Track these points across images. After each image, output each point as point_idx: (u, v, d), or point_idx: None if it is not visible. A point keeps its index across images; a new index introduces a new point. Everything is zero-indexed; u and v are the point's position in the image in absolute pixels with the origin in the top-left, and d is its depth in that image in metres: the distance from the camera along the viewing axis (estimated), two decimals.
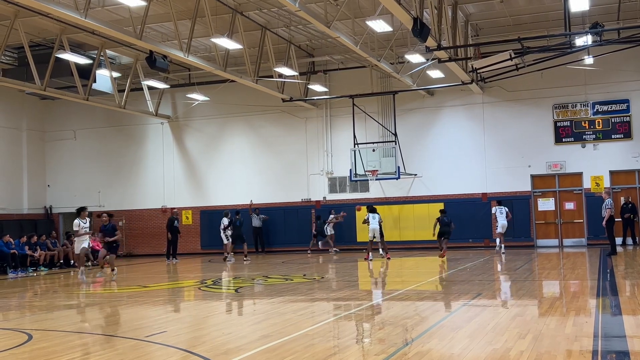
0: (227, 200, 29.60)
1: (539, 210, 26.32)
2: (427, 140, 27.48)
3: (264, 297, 13.50)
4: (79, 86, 24.61)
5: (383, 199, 27.91)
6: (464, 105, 27.13)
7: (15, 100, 30.33)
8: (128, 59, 27.43)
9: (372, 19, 19.06)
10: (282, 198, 28.82)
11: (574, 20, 21.50)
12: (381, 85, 27.65)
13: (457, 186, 26.64)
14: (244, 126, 29.84)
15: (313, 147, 28.91)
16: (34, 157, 31.60)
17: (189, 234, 30.13)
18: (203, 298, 14.04)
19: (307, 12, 17.83)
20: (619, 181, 25.56)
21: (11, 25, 20.83)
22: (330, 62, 27.85)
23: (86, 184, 31.63)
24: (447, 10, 20.27)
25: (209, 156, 30.32)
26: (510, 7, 22.92)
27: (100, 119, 31.26)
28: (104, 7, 20.85)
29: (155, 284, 17.03)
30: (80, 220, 18.92)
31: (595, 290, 12.32)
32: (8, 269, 21.88)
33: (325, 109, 28.80)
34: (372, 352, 7.55)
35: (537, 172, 26.27)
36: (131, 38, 19.10)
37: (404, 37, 24.03)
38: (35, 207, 31.45)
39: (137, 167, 31.18)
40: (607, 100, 25.42)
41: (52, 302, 13.91)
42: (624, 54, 22.64)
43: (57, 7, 16.57)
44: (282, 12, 22.22)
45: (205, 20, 20.82)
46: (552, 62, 21.75)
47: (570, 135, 25.82)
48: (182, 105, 30.40)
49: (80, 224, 18.87)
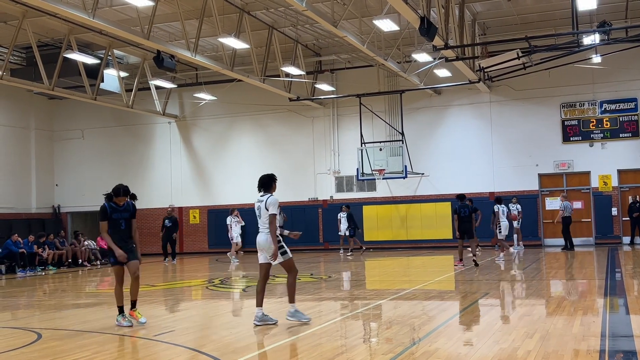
0: (235, 199, 29.63)
1: (547, 210, 26.26)
2: (434, 139, 27.45)
3: (271, 297, 13.52)
4: (86, 86, 24.70)
5: (390, 198, 27.91)
6: (471, 104, 27.09)
7: (23, 100, 30.46)
8: (136, 58, 27.52)
9: (379, 18, 19.08)
10: (289, 197, 28.82)
11: (582, 19, 21.45)
12: (388, 84, 27.63)
13: (465, 185, 26.54)
14: (251, 125, 29.88)
15: (320, 146, 28.92)
16: (42, 157, 31.73)
17: (196, 233, 30.21)
18: (211, 297, 14.09)
19: (314, 11, 17.85)
20: (627, 180, 25.48)
21: (19, 25, 20.93)
22: (337, 61, 27.87)
23: (94, 183, 31.64)
24: (454, 9, 20.24)
25: (216, 155, 30.38)
26: (517, 6, 22.87)
27: (108, 118, 31.36)
28: (112, 7, 20.92)
29: (162, 283, 17.09)
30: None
31: (603, 290, 12.29)
32: (17, 268, 22.00)
33: (332, 108, 28.82)
34: (379, 352, 7.56)
35: (545, 171, 26.22)
36: (139, 38, 19.17)
37: (411, 36, 24.02)
38: (44, 207, 31.59)
39: (144, 167, 31.26)
40: (615, 99, 25.34)
41: (61, 301, 13.98)
42: (632, 52, 22.57)
43: (65, 8, 16.65)
44: (289, 11, 22.24)
45: (212, 19, 20.86)
46: (560, 61, 21.72)
47: (578, 134, 25.75)
48: (189, 105, 30.47)
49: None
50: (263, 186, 9.35)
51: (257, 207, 9.25)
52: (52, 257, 23.77)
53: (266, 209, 9.11)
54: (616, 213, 25.33)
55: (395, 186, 27.63)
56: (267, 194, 9.29)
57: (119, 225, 9.63)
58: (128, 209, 9.75)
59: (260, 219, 9.21)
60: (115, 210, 9.66)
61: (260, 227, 9.23)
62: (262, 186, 9.36)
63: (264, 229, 9.13)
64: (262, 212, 9.15)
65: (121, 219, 9.65)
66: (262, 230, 9.17)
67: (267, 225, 9.10)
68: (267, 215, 9.10)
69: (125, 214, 9.70)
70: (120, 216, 9.65)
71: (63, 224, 31.57)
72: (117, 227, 9.63)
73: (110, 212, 9.63)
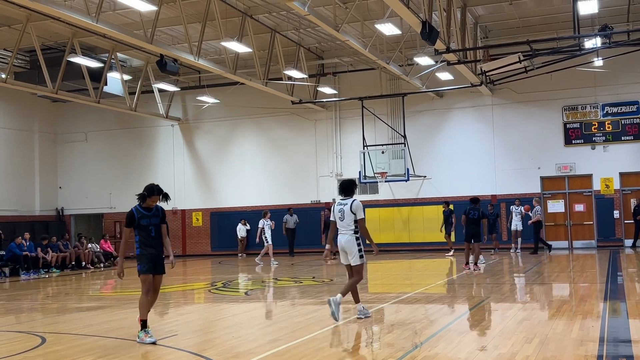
0: (238, 202, 29.79)
1: (549, 212, 26.31)
2: (437, 142, 27.52)
3: (272, 300, 13.60)
4: (90, 89, 24.80)
5: (392, 201, 27.97)
6: (473, 107, 27.15)
7: (27, 103, 30.59)
8: (139, 61, 27.63)
9: (381, 22, 19.17)
10: (292, 200, 28.90)
11: (583, 22, 21.50)
12: (390, 87, 27.70)
13: (467, 188, 26.63)
14: (254, 128, 29.98)
15: (322, 149, 29.00)
16: (45, 159, 31.85)
17: (199, 235, 30.30)
18: (213, 301, 14.16)
19: (316, 15, 17.92)
20: (630, 183, 25.51)
21: (23, 29, 21.05)
22: (340, 64, 27.95)
23: (97, 186, 31.86)
24: (455, 13, 20.31)
25: (219, 158, 30.48)
26: (519, 9, 22.93)
27: (111, 121, 31.47)
28: (115, 11, 21.04)
29: (165, 286, 17.16)
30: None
31: (603, 294, 12.35)
32: (20, 270, 22.10)
33: (335, 111, 28.90)
34: (380, 356, 7.63)
35: (547, 174, 26.26)
36: (142, 42, 19.25)
37: (413, 39, 24.07)
38: (47, 209, 31.71)
39: (147, 169, 31.36)
40: (617, 102, 25.38)
41: (65, 305, 14.07)
42: (634, 55, 22.59)
43: (69, 12, 16.75)
44: (292, 15, 22.33)
45: (215, 23, 20.95)
46: (562, 65, 21.78)
47: (580, 137, 25.80)
48: (192, 108, 30.57)
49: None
50: (344, 191, 10.07)
51: (339, 209, 9.95)
52: (56, 259, 23.86)
53: (352, 212, 9.80)
54: (618, 216, 25.36)
55: (397, 189, 27.69)
56: (349, 197, 10.00)
57: (148, 232, 8.86)
58: (157, 214, 8.94)
59: (343, 221, 9.91)
60: (144, 216, 8.84)
61: (341, 229, 9.95)
62: (344, 191, 10.08)
63: (347, 230, 9.87)
64: (346, 214, 9.86)
65: (150, 225, 8.87)
66: (345, 232, 9.90)
67: (351, 227, 9.86)
68: (352, 218, 9.83)
69: (154, 220, 8.91)
70: (149, 222, 8.86)
71: (66, 226, 31.70)
72: (147, 234, 8.86)
73: (139, 218, 8.82)
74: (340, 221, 9.92)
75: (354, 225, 9.85)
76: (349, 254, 9.90)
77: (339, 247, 9.98)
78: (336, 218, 9.99)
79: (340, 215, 9.90)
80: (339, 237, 9.95)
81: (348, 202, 9.91)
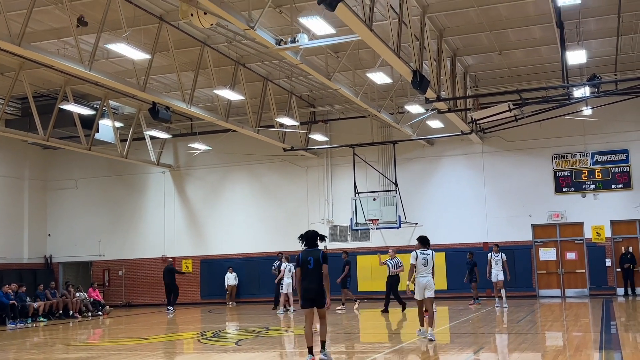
0: (228, 249, 29.57)
1: (541, 260, 26.22)
2: (428, 189, 27.55)
3: (263, 350, 13.39)
4: (81, 136, 24.74)
5: (384, 248, 27.77)
6: (464, 154, 27.28)
7: (17, 150, 30.49)
8: (131, 109, 27.68)
9: (372, 71, 19.34)
10: (284, 246, 28.64)
11: (572, 72, 21.75)
12: (381, 134, 27.84)
13: (458, 235, 26.58)
14: (246, 175, 29.96)
15: (314, 196, 28.97)
16: (35, 206, 31.62)
17: (189, 283, 29.98)
18: (202, 351, 13.92)
19: (308, 64, 18.08)
20: (620, 231, 25.52)
21: (16, 76, 21.08)
22: (331, 112, 28.12)
23: (87, 233, 31.59)
24: (446, 62, 20.55)
25: (211, 205, 30.36)
26: (508, 59, 23.22)
27: (102, 168, 31.37)
28: (108, 59, 21.15)
29: (154, 336, 16.89)
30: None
31: (598, 344, 12.21)
32: (7, 319, 21.72)
33: (326, 158, 28.96)
34: None
35: (538, 222, 26.26)
36: (134, 90, 19.32)
37: (404, 87, 24.30)
38: (35, 257, 31.33)
39: (138, 216, 31.18)
40: (607, 150, 25.56)
41: (51, 356, 13.78)
42: (623, 104, 22.85)
43: (62, 60, 16.81)
44: (284, 64, 22.53)
45: (208, 71, 21.08)
46: (551, 113, 21.98)
47: (570, 185, 25.89)
48: (184, 155, 30.58)
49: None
50: (425, 243, 13.30)
51: (424, 258, 13.09)
52: (43, 308, 23.51)
53: (432, 261, 13.17)
54: (610, 264, 25.30)
55: (389, 236, 27.57)
56: (429, 248, 13.30)
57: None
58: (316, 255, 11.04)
59: (427, 267, 13.11)
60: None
61: (424, 273, 13.12)
62: (425, 243, 13.30)
63: (428, 274, 13.11)
64: (429, 262, 13.10)
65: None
66: (426, 275, 13.11)
67: (431, 271, 13.13)
68: (432, 265, 13.16)
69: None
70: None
71: (54, 274, 31.30)
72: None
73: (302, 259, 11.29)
74: (424, 267, 13.07)
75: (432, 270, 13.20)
76: (429, 290, 13.05)
77: (424, 286, 13.04)
78: (420, 264, 13.07)
79: (423, 262, 13.05)
80: (422, 279, 13.08)
81: (430, 252, 13.15)
